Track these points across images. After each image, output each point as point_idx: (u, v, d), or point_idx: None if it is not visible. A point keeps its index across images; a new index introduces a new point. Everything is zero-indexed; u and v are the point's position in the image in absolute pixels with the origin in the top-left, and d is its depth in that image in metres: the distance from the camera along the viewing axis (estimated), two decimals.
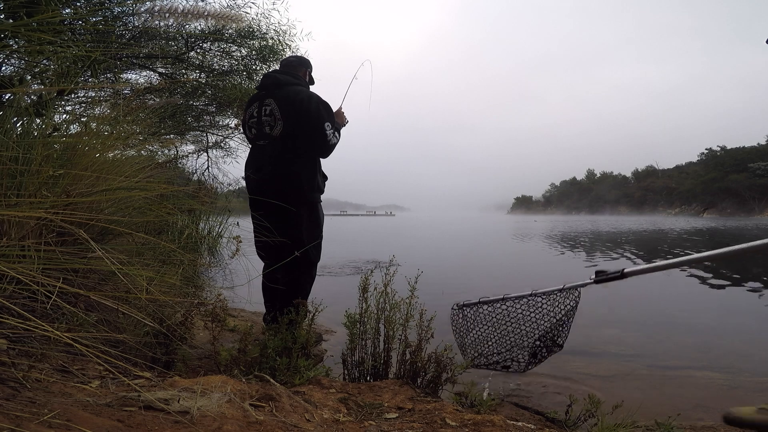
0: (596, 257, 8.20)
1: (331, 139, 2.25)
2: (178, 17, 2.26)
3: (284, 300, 2.14)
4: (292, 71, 2.40)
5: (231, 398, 0.94)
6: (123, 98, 2.55)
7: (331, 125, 2.25)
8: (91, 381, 0.97)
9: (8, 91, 1.41)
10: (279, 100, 2.24)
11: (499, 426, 1.12)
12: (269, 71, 2.64)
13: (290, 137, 2.21)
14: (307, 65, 2.49)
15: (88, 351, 0.79)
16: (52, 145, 1.38)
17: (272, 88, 2.30)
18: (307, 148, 2.24)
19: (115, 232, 1.38)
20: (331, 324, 2.89)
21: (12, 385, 0.78)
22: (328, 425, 1.03)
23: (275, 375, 1.46)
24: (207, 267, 2.36)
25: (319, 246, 2.44)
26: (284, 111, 2.22)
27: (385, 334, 1.67)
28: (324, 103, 2.28)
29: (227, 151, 5.18)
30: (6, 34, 1.51)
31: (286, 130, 2.21)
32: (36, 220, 1.06)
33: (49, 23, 1.52)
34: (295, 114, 2.21)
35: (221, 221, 2.70)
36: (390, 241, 13.11)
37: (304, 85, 2.40)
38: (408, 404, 1.28)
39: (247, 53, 3.96)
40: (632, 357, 2.47)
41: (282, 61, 2.53)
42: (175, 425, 0.79)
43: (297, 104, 2.21)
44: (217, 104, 4.46)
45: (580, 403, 1.49)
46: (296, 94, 2.25)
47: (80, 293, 0.95)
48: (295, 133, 2.21)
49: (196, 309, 1.72)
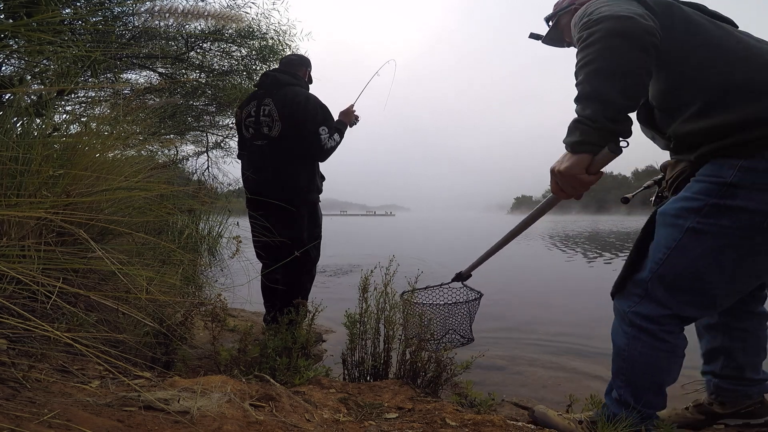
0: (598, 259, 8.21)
1: (326, 143, 2.23)
2: (178, 17, 2.25)
3: (284, 300, 2.14)
4: (292, 70, 2.39)
5: (231, 398, 0.94)
6: (123, 98, 2.55)
7: (327, 129, 2.23)
8: (91, 381, 0.97)
9: (8, 91, 1.41)
10: (277, 101, 2.23)
11: (499, 426, 1.12)
12: (269, 70, 2.63)
13: (288, 138, 2.21)
14: (308, 64, 2.48)
15: (88, 351, 0.79)
16: (52, 145, 1.38)
17: (271, 88, 2.29)
18: (304, 150, 2.24)
19: (115, 232, 1.38)
20: (331, 324, 2.89)
21: (12, 385, 0.78)
22: (328, 425, 1.03)
23: (275, 375, 1.46)
24: (207, 267, 2.36)
25: (319, 246, 2.44)
26: (282, 112, 2.21)
27: (385, 334, 1.67)
28: (322, 105, 2.27)
29: (227, 151, 5.18)
30: (6, 34, 1.51)
31: (285, 131, 2.21)
32: (36, 220, 1.06)
33: (49, 23, 1.52)
34: (293, 115, 2.20)
35: (221, 221, 2.70)
36: (386, 244, 13.12)
37: (304, 85, 2.39)
38: (408, 404, 1.28)
39: (247, 53, 3.96)
40: None
41: (282, 59, 2.52)
42: (175, 425, 0.79)
43: (295, 105, 2.20)
44: (217, 104, 4.46)
45: (581, 402, 1.49)
46: (295, 95, 2.24)
47: (80, 293, 0.95)
48: (292, 134, 2.21)
49: (196, 309, 1.72)
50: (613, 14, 0.96)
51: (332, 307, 1.88)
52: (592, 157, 1.02)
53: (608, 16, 0.96)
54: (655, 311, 1.11)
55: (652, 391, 1.15)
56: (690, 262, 1.05)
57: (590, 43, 0.97)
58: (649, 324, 1.12)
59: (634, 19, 0.94)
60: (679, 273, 1.07)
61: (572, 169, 1.03)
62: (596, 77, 0.96)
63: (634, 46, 0.94)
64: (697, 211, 1.02)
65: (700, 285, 1.06)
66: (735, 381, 1.31)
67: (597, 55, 0.95)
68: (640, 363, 1.14)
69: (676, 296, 1.09)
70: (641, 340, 1.13)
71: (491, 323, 3.12)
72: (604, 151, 1.00)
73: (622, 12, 0.96)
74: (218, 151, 5.18)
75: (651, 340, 1.12)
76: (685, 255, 1.05)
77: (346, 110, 2.48)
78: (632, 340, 1.14)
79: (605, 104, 0.96)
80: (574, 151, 1.03)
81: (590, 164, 1.02)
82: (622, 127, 0.98)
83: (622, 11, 0.96)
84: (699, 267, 1.04)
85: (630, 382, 1.16)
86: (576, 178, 1.04)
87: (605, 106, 0.96)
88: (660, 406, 1.18)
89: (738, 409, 1.31)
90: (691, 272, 1.05)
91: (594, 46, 0.96)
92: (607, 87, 0.95)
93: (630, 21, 0.94)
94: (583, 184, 1.05)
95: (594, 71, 0.96)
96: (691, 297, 1.08)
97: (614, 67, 0.94)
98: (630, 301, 1.16)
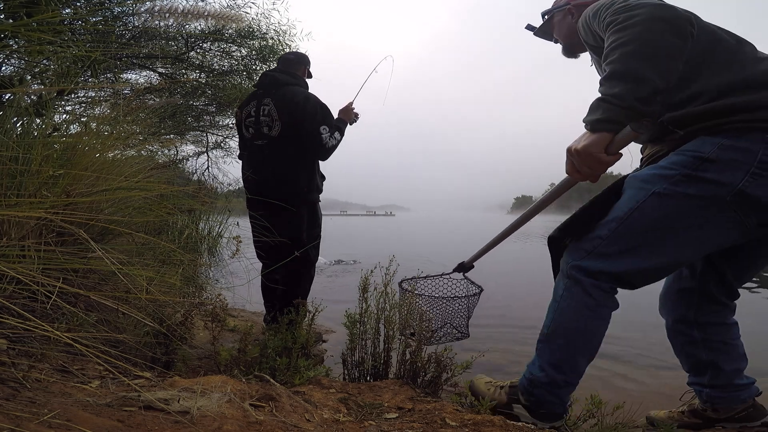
0: None
1: (328, 141, 2.23)
2: (178, 17, 2.25)
3: (284, 300, 2.14)
4: (291, 69, 2.38)
5: (231, 398, 0.94)
6: (123, 98, 2.55)
7: (327, 128, 2.23)
8: (91, 381, 0.97)
9: (8, 91, 1.41)
10: (277, 101, 2.23)
11: (499, 426, 1.12)
12: (267, 70, 2.62)
13: (288, 138, 2.21)
14: (306, 62, 2.47)
15: (88, 351, 0.79)
16: (52, 145, 1.38)
17: (270, 88, 2.29)
18: (304, 150, 2.24)
19: (115, 232, 1.38)
20: (331, 324, 2.89)
21: (12, 385, 0.78)
22: (328, 425, 1.03)
23: (275, 375, 1.46)
24: (207, 267, 2.36)
25: (318, 246, 2.44)
26: (282, 112, 2.21)
27: (385, 334, 1.67)
28: (321, 104, 2.27)
29: (227, 151, 5.18)
30: (6, 34, 1.51)
31: (284, 131, 2.21)
32: (36, 220, 1.06)
33: (49, 23, 1.52)
34: (292, 115, 2.20)
35: (221, 221, 2.70)
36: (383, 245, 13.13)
37: (303, 84, 2.39)
38: (408, 404, 1.28)
39: (247, 53, 3.96)
40: (632, 357, 2.47)
41: (280, 58, 2.52)
42: (175, 425, 0.79)
43: (293, 105, 2.20)
44: (217, 104, 4.46)
45: (581, 402, 1.49)
46: (294, 95, 2.24)
47: (80, 293, 0.95)
48: (292, 134, 2.21)
49: (196, 309, 1.72)
50: (653, 1, 0.98)
51: (332, 307, 1.87)
52: (612, 137, 1.01)
53: (648, 2, 0.98)
54: (596, 266, 1.14)
55: (569, 355, 1.19)
56: (647, 223, 1.09)
57: (629, 25, 0.97)
58: (584, 276, 1.15)
59: (675, 8, 0.98)
60: (635, 232, 1.10)
61: (591, 147, 1.01)
62: (633, 57, 0.96)
63: (676, 33, 0.96)
64: (668, 178, 1.06)
65: (648, 248, 1.09)
66: (725, 389, 1.32)
67: (636, 36, 0.96)
68: (568, 319, 1.17)
69: (625, 256, 1.11)
70: (573, 293, 1.17)
71: (491, 322, 3.12)
72: (626, 130, 0.98)
73: (660, 2, 0.99)
74: (218, 151, 5.19)
75: (582, 295, 1.15)
76: (644, 216, 1.09)
77: (345, 108, 2.48)
78: (566, 291, 1.19)
79: (639, 83, 0.95)
80: (594, 129, 1.02)
81: (611, 143, 1.01)
82: (651, 108, 0.98)
83: (661, 3, 1.00)
84: (655, 229, 1.08)
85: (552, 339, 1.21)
86: (594, 157, 1.02)
87: (639, 85, 0.96)
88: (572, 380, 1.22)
89: (732, 414, 1.33)
90: (645, 233, 1.09)
91: (633, 28, 0.96)
92: (645, 67, 0.95)
93: (672, 9, 0.98)
94: (601, 164, 1.03)
95: (631, 51, 0.96)
96: (639, 259, 1.11)
97: (655, 48, 0.95)
98: (575, 255, 1.19)
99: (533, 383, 1.23)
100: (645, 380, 2.14)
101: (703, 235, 1.07)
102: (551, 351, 1.21)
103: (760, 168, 0.97)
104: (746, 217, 1.02)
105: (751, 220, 1.02)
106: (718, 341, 1.31)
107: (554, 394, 1.21)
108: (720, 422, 1.36)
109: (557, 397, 1.22)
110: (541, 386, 1.22)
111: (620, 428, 1.22)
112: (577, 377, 1.22)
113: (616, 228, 1.12)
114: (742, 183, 0.98)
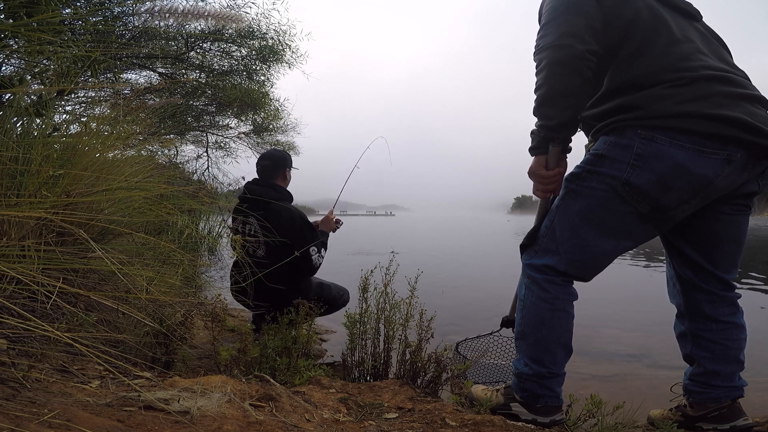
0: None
1: (317, 261, 2.19)
2: (178, 17, 2.26)
3: (284, 300, 2.13)
4: (271, 179, 2.32)
5: (231, 398, 0.94)
6: (123, 98, 2.55)
7: (316, 249, 2.19)
8: (91, 381, 0.97)
9: (8, 91, 1.41)
10: (261, 220, 2.16)
11: (499, 426, 1.12)
12: (247, 183, 2.38)
13: (275, 259, 2.10)
14: (285, 164, 2.37)
15: (88, 351, 0.79)
16: (52, 145, 1.38)
17: (253, 204, 2.20)
18: (291, 269, 2.15)
19: (115, 232, 1.38)
20: (331, 324, 2.89)
21: (12, 385, 0.78)
22: (328, 425, 1.03)
23: (275, 375, 1.46)
24: (207, 267, 2.36)
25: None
26: (266, 236, 2.15)
27: (385, 334, 1.67)
28: (307, 224, 2.23)
29: (227, 151, 5.18)
30: (6, 34, 1.51)
31: (270, 254, 2.15)
32: (36, 220, 1.06)
33: (49, 23, 1.52)
34: (279, 236, 2.14)
35: (221, 221, 2.70)
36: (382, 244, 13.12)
37: (285, 196, 2.32)
38: (408, 404, 1.28)
39: (247, 53, 3.96)
40: (632, 357, 2.47)
41: (258, 164, 2.39)
42: (175, 425, 0.79)
43: (280, 229, 2.15)
44: (217, 104, 4.47)
45: (581, 402, 1.49)
46: (279, 216, 2.17)
47: (80, 293, 0.95)
48: (277, 258, 2.11)
49: (196, 309, 1.72)
50: (553, 44, 1.14)
51: None
52: (545, 157, 1.28)
53: (549, 45, 1.15)
54: (541, 262, 1.27)
55: (543, 348, 1.26)
56: (569, 218, 1.23)
57: (538, 70, 1.18)
58: (535, 273, 1.27)
59: (570, 48, 1.12)
60: (563, 228, 1.24)
61: (534, 168, 1.31)
62: (541, 100, 1.19)
63: (571, 72, 1.13)
64: (577, 176, 1.23)
65: (576, 240, 1.23)
66: (702, 385, 1.33)
67: (542, 81, 1.17)
68: (531, 314, 1.27)
69: (560, 250, 1.25)
70: (531, 290, 1.28)
71: (491, 322, 3.12)
72: (551, 149, 1.27)
73: (560, 41, 1.13)
74: (218, 151, 5.19)
75: (538, 290, 1.26)
76: (566, 212, 1.24)
77: (326, 219, 2.42)
78: (526, 290, 1.30)
79: (548, 119, 1.20)
80: (532, 154, 1.31)
81: (546, 162, 1.28)
82: (563, 133, 1.23)
83: (562, 38, 1.13)
84: (575, 223, 1.22)
85: (525, 336, 1.29)
86: (539, 175, 1.30)
87: (548, 121, 1.21)
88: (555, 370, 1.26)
89: (705, 413, 1.32)
90: (569, 228, 1.23)
91: (540, 73, 1.17)
92: (549, 108, 1.19)
93: (565, 50, 1.12)
94: (546, 178, 1.29)
95: (540, 95, 1.19)
96: (572, 252, 1.23)
97: (554, 91, 1.16)
98: (527, 255, 1.33)
99: (521, 378, 1.29)
100: (645, 380, 2.15)
101: (617, 225, 1.19)
102: (527, 347, 1.29)
103: (636, 160, 1.13)
104: (638, 204, 1.15)
105: (643, 206, 1.15)
106: (706, 339, 1.31)
107: (544, 386, 1.26)
108: (698, 420, 1.35)
109: (548, 389, 1.26)
110: (528, 379, 1.27)
111: (620, 428, 1.22)
112: (559, 367, 1.28)
113: (549, 225, 1.28)
114: (626, 174, 1.14)
